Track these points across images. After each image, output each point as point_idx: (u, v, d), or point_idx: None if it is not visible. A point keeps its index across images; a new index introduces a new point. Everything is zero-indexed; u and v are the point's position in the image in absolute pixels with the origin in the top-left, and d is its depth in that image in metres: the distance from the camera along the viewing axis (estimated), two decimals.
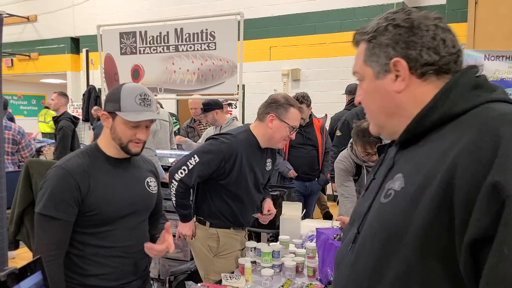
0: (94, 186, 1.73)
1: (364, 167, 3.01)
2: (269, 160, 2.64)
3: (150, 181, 1.96)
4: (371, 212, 0.94)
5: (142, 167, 1.97)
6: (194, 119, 4.94)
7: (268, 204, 2.75)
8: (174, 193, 2.52)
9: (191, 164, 2.44)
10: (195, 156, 2.44)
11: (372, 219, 0.93)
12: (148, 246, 1.83)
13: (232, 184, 2.48)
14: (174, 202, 2.55)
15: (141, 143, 1.82)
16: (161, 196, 2.09)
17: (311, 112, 4.48)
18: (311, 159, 4.44)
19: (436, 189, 0.76)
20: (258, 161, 2.55)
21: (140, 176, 1.93)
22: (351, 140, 3.00)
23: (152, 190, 1.95)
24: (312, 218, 4.37)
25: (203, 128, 4.92)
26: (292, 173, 4.32)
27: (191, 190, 2.59)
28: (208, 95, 4.29)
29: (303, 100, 4.23)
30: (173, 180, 2.51)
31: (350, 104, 5.13)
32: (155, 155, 3.82)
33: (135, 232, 1.86)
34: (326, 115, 4.77)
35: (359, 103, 1.05)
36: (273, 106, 2.45)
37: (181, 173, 2.47)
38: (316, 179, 4.49)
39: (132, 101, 1.74)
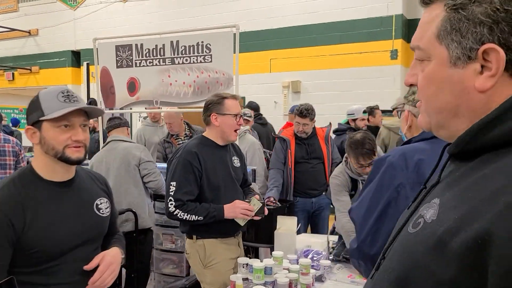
0: (31, 219, 1.49)
1: (360, 181, 2.95)
2: (235, 157, 2.79)
3: (101, 203, 1.72)
4: (398, 239, 0.78)
5: (89, 187, 1.72)
6: (172, 134, 4.72)
7: (256, 196, 2.75)
8: (187, 217, 2.51)
9: (172, 191, 2.54)
10: (171, 183, 2.56)
11: (396, 250, 0.76)
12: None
13: (205, 186, 2.57)
14: (199, 221, 2.52)
15: (82, 147, 1.56)
16: (115, 215, 1.88)
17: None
18: (317, 173, 4.21)
19: (469, 242, 0.58)
20: (222, 157, 2.69)
21: (87, 200, 1.68)
22: (345, 154, 2.96)
23: (103, 213, 1.72)
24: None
25: (181, 142, 4.64)
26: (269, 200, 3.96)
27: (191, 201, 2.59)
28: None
29: (307, 113, 4.07)
30: (174, 216, 2.54)
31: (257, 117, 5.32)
32: (156, 166, 3.78)
33: (86, 264, 1.61)
34: (330, 123, 4.68)
35: (410, 84, 0.79)
36: (210, 107, 2.65)
37: (171, 204, 2.54)
38: (324, 193, 4.23)
39: (54, 100, 1.51)
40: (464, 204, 0.63)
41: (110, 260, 1.63)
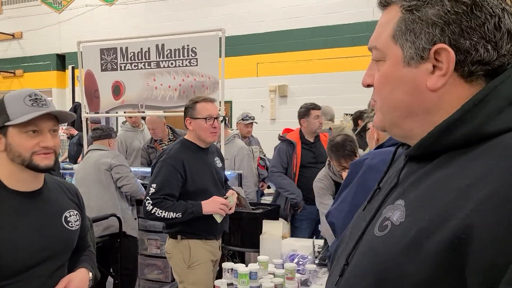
0: None
1: None
2: (216, 158, 2.83)
3: (70, 215, 1.62)
4: (362, 243, 0.77)
5: (58, 199, 1.62)
6: (155, 139, 4.68)
7: (231, 191, 2.83)
8: (165, 214, 2.50)
9: (151, 192, 2.54)
10: (151, 185, 2.56)
11: (363, 254, 0.75)
12: None
13: (191, 189, 2.60)
14: (177, 218, 2.52)
15: (51, 154, 1.47)
16: (86, 229, 1.78)
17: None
18: None
19: (445, 242, 0.59)
20: (205, 160, 2.73)
21: (55, 211, 1.59)
22: (328, 158, 2.97)
23: (72, 227, 1.62)
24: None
25: (165, 147, 4.67)
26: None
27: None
28: None
29: (314, 106, 4.05)
30: (152, 215, 2.54)
31: None
32: (130, 171, 3.75)
33: (50, 281, 1.52)
34: (330, 128, 4.66)
35: (368, 85, 0.80)
36: (185, 112, 2.72)
37: (148, 203, 2.53)
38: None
39: (21, 104, 1.43)
40: (433, 204, 0.63)
41: (77, 285, 1.57)
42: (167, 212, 2.50)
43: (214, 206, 2.60)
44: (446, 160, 0.68)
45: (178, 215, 2.51)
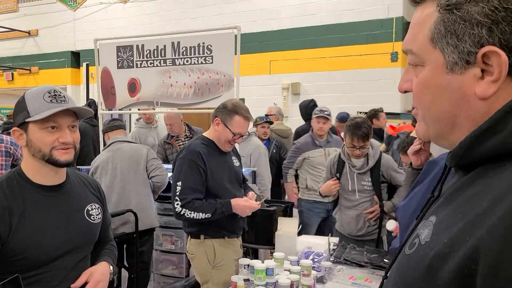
0: (18, 224, 1.42)
1: (347, 164, 3.20)
2: (234, 157, 2.78)
3: (92, 209, 1.66)
4: (398, 258, 0.73)
5: (80, 192, 1.65)
6: (172, 135, 4.75)
7: (250, 194, 2.77)
8: (194, 215, 2.47)
9: (178, 191, 2.50)
10: (177, 184, 2.52)
11: (393, 270, 0.72)
12: None
13: (209, 185, 2.56)
14: (207, 218, 2.49)
15: (70, 149, 1.50)
16: (106, 222, 1.81)
17: None
18: None
19: (457, 270, 0.54)
20: (223, 158, 2.68)
21: (78, 205, 1.62)
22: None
23: (94, 220, 1.65)
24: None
25: (181, 143, 4.70)
26: None
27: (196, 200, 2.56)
28: (205, 108, 4.26)
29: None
30: (182, 217, 2.50)
31: None
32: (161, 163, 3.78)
33: (73, 273, 1.56)
34: None
35: (405, 91, 0.73)
36: (221, 111, 2.59)
37: (177, 204, 2.50)
38: None
39: (40, 101, 1.45)
40: (454, 225, 0.58)
41: (98, 278, 1.59)
42: (196, 213, 2.46)
43: (244, 211, 2.57)
44: (480, 174, 0.61)
45: (208, 216, 2.47)
